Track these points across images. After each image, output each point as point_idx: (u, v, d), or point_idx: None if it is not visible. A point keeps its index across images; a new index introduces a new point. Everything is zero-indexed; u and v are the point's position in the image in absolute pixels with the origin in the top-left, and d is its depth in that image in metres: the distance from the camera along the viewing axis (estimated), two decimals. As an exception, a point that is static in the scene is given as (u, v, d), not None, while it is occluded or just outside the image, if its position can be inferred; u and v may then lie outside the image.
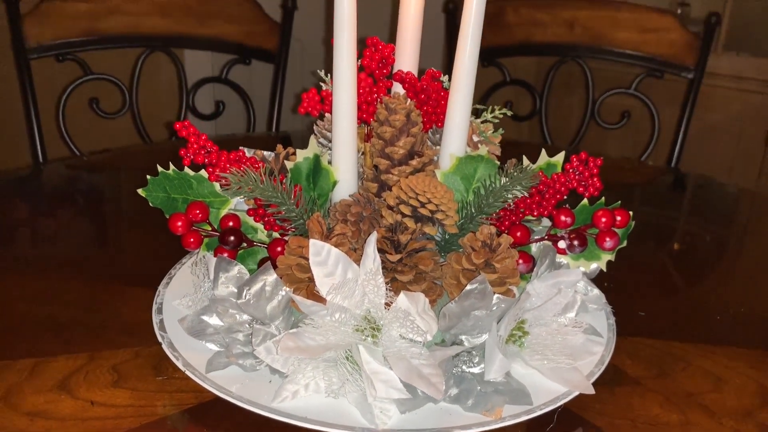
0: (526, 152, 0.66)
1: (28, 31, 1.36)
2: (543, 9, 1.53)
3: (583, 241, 0.59)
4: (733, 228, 1.01)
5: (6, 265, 0.74)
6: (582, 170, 0.60)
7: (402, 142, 0.59)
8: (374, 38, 0.63)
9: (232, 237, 0.57)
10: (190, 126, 0.59)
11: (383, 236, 0.55)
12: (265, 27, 1.48)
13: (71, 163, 1.13)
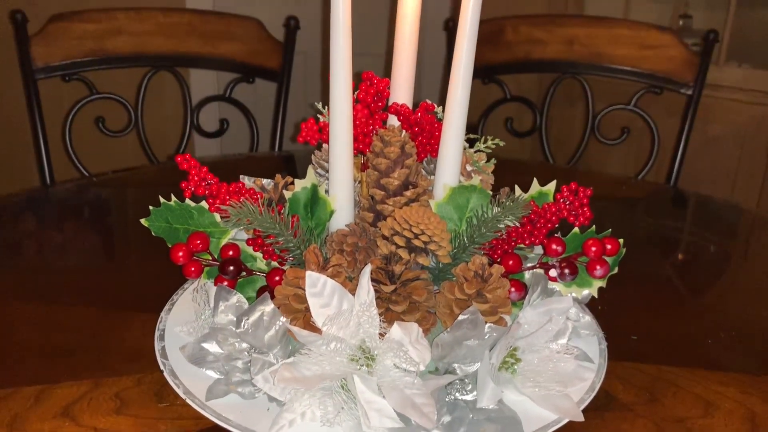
0: (525, 172, 0.67)
1: (36, 52, 1.39)
2: (542, 27, 1.54)
3: (573, 269, 0.60)
4: (728, 250, 1.01)
5: (11, 290, 0.75)
6: (572, 200, 0.61)
7: (397, 174, 0.60)
8: (369, 73, 0.65)
9: (232, 267, 0.59)
10: (191, 159, 0.61)
11: (378, 267, 0.57)
12: (268, 46, 1.50)
13: (77, 185, 1.15)
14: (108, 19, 1.45)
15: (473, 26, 0.57)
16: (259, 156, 1.41)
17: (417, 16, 0.66)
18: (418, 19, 0.66)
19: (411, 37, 0.65)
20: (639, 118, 1.51)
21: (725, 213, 1.22)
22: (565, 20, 1.56)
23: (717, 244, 1.02)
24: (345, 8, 0.56)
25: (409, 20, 0.66)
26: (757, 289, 0.85)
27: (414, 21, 0.65)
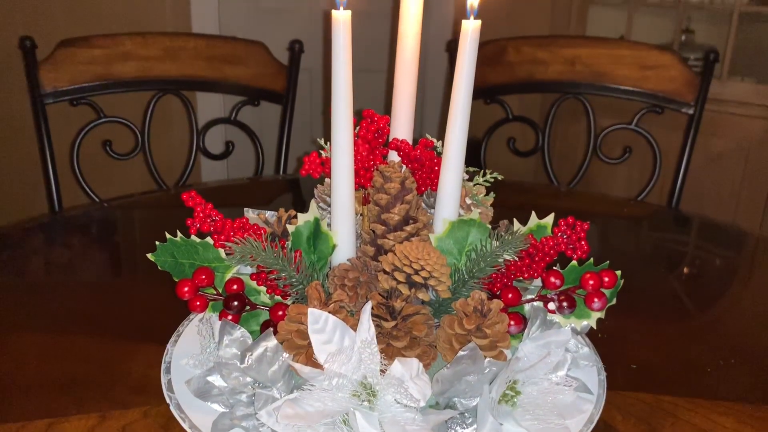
0: (527, 193, 0.68)
1: (44, 77, 1.41)
2: (544, 47, 1.56)
3: (572, 303, 0.61)
4: (729, 276, 1.02)
5: (20, 320, 0.77)
6: (570, 234, 0.62)
7: (397, 209, 0.62)
8: (370, 111, 0.66)
9: (236, 302, 0.60)
10: (197, 196, 0.62)
11: (379, 302, 0.58)
12: (273, 69, 1.52)
13: (85, 212, 1.16)
14: (115, 44, 1.47)
15: (470, 71, 0.59)
16: (264, 181, 1.42)
17: (416, 55, 0.67)
18: (418, 58, 0.67)
19: (410, 74, 0.67)
20: (640, 138, 1.52)
21: (726, 237, 1.21)
22: (566, 41, 1.58)
23: (717, 270, 1.02)
24: (346, 49, 0.58)
25: (408, 59, 0.67)
26: (757, 316, 0.86)
27: (413, 60, 0.67)
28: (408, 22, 0.67)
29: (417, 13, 0.66)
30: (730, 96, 2.41)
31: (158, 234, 0.65)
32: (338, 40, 0.58)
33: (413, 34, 0.67)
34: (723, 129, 2.39)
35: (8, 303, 0.80)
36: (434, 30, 2.79)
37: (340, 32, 0.58)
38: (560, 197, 1.42)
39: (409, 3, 0.67)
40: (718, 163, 2.43)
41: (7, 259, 0.93)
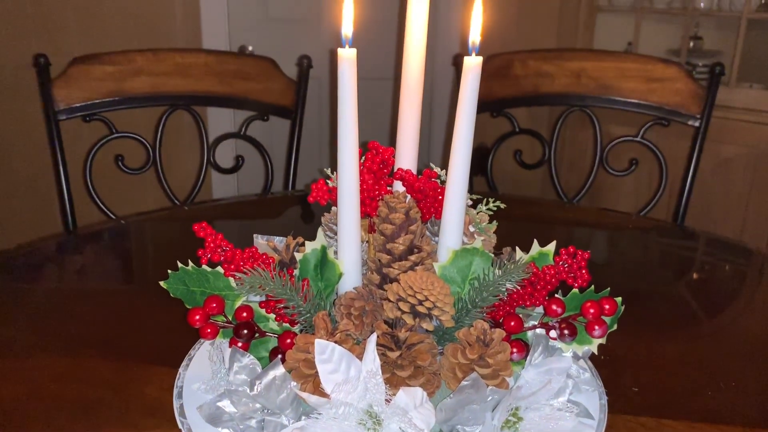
0: (532, 209, 0.70)
1: (58, 94, 1.44)
2: (550, 61, 1.57)
3: (573, 331, 0.63)
4: (731, 298, 1.01)
5: (35, 342, 0.79)
6: (571, 263, 0.64)
7: (402, 239, 0.63)
8: (374, 143, 0.68)
9: (246, 330, 0.62)
10: (208, 227, 0.64)
11: (384, 332, 0.59)
12: (282, 85, 1.55)
13: (97, 232, 1.18)
14: (127, 61, 1.50)
15: (471, 106, 0.60)
16: (273, 199, 1.44)
17: (420, 86, 0.69)
18: (421, 89, 0.69)
19: (414, 106, 0.68)
20: (647, 150, 1.53)
21: (730, 256, 1.21)
22: (572, 54, 1.59)
23: (720, 292, 1.02)
24: (351, 86, 0.60)
25: (412, 90, 0.69)
26: (760, 339, 0.86)
27: (417, 91, 0.69)
28: (412, 54, 0.68)
29: (420, 46, 0.68)
30: (738, 103, 2.41)
31: (171, 255, 0.67)
32: (344, 78, 0.60)
33: (417, 66, 0.68)
34: (731, 135, 2.39)
35: (23, 326, 0.82)
36: (441, 40, 2.80)
37: (345, 70, 0.59)
38: (563, 213, 1.43)
39: (413, 34, 0.69)
40: (726, 169, 2.43)
41: (21, 281, 0.95)
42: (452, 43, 2.81)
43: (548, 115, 2.57)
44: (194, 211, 1.33)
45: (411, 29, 0.67)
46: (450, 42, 2.80)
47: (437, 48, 2.76)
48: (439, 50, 2.75)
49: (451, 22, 2.80)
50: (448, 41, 2.80)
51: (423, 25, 0.68)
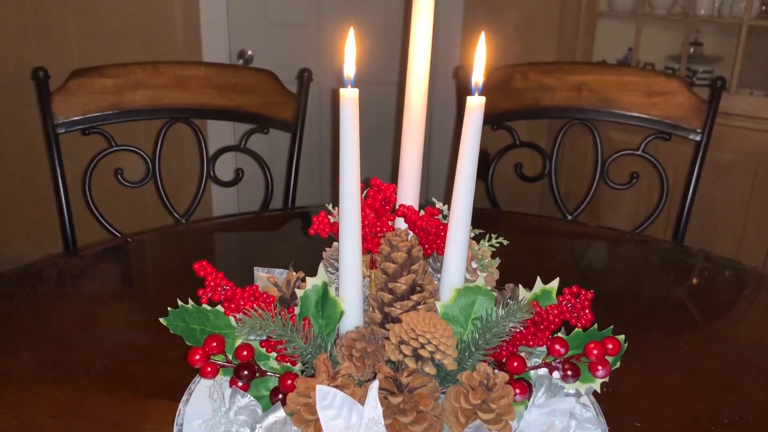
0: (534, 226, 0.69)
1: (57, 108, 1.43)
2: (551, 74, 1.56)
3: (576, 372, 0.62)
4: (732, 326, 0.99)
5: (31, 373, 0.78)
6: (574, 302, 0.63)
7: (404, 279, 0.63)
8: (376, 179, 0.67)
9: (246, 371, 0.62)
10: (208, 266, 0.64)
11: (386, 375, 0.59)
12: (282, 98, 1.54)
13: (101, 254, 1.17)
14: (126, 73, 1.49)
15: (474, 145, 0.60)
16: (272, 216, 1.44)
17: (422, 122, 0.68)
18: (424, 125, 0.68)
19: (417, 141, 0.68)
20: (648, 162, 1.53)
21: (730, 282, 1.17)
22: (573, 67, 1.58)
23: (719, 320, 1.00)
24: (353, 126, 0.59)
25: (414, 124, 0.68)
26: (761, 372, 0.86)
27: (419, 127, 0.68)
28: (414, 92, 0.68)
29: (423, 84, 0.67)
30: (739, 110, 2.40)
31: (173, 280, 0.66)
32: (346, 117, 0.59)
33: (419, 104, 0.68)
34: (732, 142, 2.39)
35: (23, 356, 0.82)
36: (442, 51, 2.79)
37: (347, 110, 0.59)
38: (558, 230, 1.42)
39: (415, 73, 0.68)
40: (727, 175, 2.43)
41: (20, 308, 0.94)
42: (452, 53, 2.80)
43: (548, 130, 2.56)
44: (197, 230, 1.32)
45: (413, 71, 0.66)
46: (450, 53, 2.80)
47: (437, 61, 2.75)
48: (439, 61, 2.74)
49: (451, 30, 2.79)
50: (448, 54, 2.80)
51: (425, 70, 0.67)
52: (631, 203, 2.55)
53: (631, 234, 1.41)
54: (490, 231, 0.73)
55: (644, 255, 1.27)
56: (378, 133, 2.77)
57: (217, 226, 1.41)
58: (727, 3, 2.50)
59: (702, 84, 2.66)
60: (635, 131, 1.55)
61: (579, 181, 2.66)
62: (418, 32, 0.66)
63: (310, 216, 1.40)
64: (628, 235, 1.40)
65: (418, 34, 0.66)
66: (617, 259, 1.26)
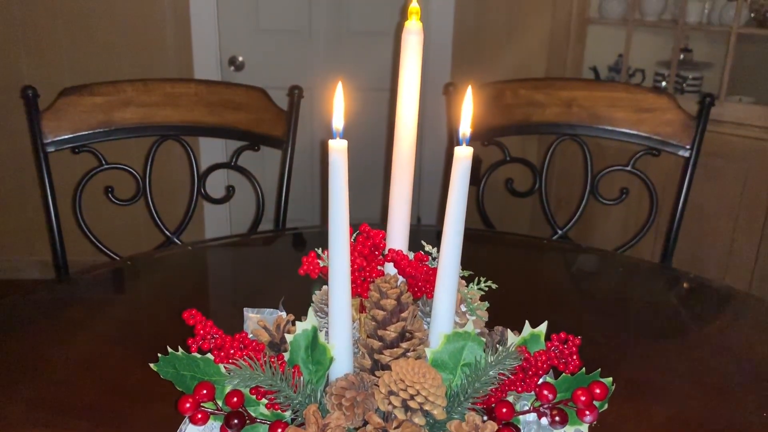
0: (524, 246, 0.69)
1: (46, 126, 1.42)
2: (541, 90, 1.57)
3: (564, 418, 0.63)
4: (717, 354, 0.98)
5: (22, 414, 0.78)
6: (562, 349, 0.64)
7: (393, 327, 0.63)
8: (365, 225, 0.68)
9: (236, 420, 0.62)
10: (197, 314, 0.64)
11: (375, 427, 0.59)
12: (273, 115, 1.54)
13: (92, 278, 1.17)
14: (116, 91, 1.49)
15: (462, 195, 0.60)
16: (263, 238, 1.44)
17: (411, 163, 0.68)
18: (413, 167, 0.69)
19: (405, 185, 0.68)
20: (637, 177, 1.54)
21: (717, 303, 1.18)
22: (563, 83, 1.59)
23: (704, 349, 1.00)
24: (342, 176, 0.59)
25: (404, 164, 0.69)
26: (744, 394, 0.87)
27: (408, 167, 0.68)
28: (403, 136, 0.68)
29: (411, 132, 0.67)
30: (728, 117, 2.42)
31: (163, 311, 0.66)
32: (335, 168, 0.59)
33: (408, 147, 0.68)
34: (722, 148, 2.40)
35: (16, 400, 0.81)
36: (432, 66, 2.79)
37: (336, 160, 0.59)
38: (546, 254, 1.43)
39: (405, 118, 0.68)
40: (716, 182, 2.45)
41: (10, 341, 0.93)
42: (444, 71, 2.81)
43: (538, 145, 2.57)
44: (191, 253, 1.32)
45: (401, 119, 0.66)
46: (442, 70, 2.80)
47: (427, 82, 2.75)
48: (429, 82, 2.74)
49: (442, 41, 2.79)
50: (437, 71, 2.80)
51: (413, 115, 0.67)
52: (621, 215, 2.56)
53: (616, 253, 1.42)
54: (478, 252, 0.73)
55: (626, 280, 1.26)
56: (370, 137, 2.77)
57: (209, 249, 1.40)
58: (717, 10, 2.51)
59: (692, 90, 2.67)
60: (627, 152, 1.56)
61: (571, 193, 2.67)
62: (407, 79, 0.66)
63: (302, 237, 1.41)
64: (615, 254, 1.41)
65: (407, 81, 0.66)
66: (598, 285, 1.26)
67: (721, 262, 2.48)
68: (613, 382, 0.67)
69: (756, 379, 0.90)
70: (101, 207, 1.69)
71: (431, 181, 2.82)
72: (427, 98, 2.74)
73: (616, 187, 1.55)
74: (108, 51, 2.61)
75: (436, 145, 2.76)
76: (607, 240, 2.64)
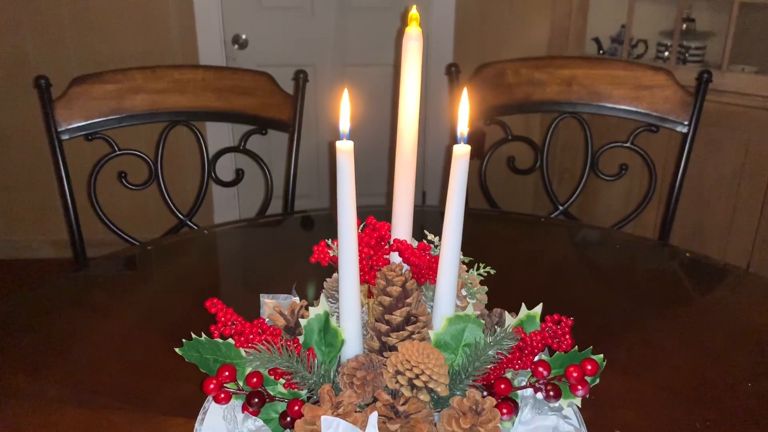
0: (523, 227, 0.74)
1: (59, 115, 1.47)
2: (542, 69, 1.60)
3: (558, 392, 0.68)
4: (710, 330, 1.02)
5: (56, 394, 0.84)
6: (555, 329, 0.69)
7: (399, 312, 0.69)
8: (371, 218, 0.72)
9: (257, 399, 0.68)
10: (219, 303, 0.69)
11: (384, 403, 0.65)
12: (279, 99, 1.57)
13: (113, 264, 1.22)
14: (126, 79, 1.52)
15: (461, 193, 0.65)
16: (273, 221, 1.49)
17: (414, 157, 0.73)
18: (415, 161, 0.73)
19: (409, 176, 0.73)
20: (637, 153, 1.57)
21: (713, 280, 1.21)
22: (563, 61, 1.62)
23: (697, 325, 1.05)
24: (349, 175, 0.64)
25: (407, 160, 0.73)
26: (735, 375, 0.91)
27: (411, 162, 0.73)
28: (406, 131, 0.72)
29: (413, 128, 0.71)
30: (730, 87, 2.43)
31: (185, 293, 0.70)
32: (342, 168, 0.64)
33: (410, 142, 0.72)
34: (724, 119, 2.42)
35: (51, 381, 0.87)
36: (435, 44, 2.80)
37: (343, 161, 0.64)
38: (542, 231, 1.47)
39: (407, 104, 0.72)
40: (718, 152, 2.47)
41: (33, 329, 0.99)
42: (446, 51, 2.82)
43: (540, 123, 2.60)
44: (209, 237, 1.37)
45: (403, 122, 0.71)
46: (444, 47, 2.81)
47: (429, 56, 2.77)
48: (432, 63, 2.76)
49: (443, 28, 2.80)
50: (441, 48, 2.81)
51: (415, 101, 0.71)
52: (624, 188, 2.59)
53: (613, 229, 1.46)
54: (476, 232, 0.77)
55: (623, 257, 1.31)
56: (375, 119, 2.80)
57: (224, 234, 1.45)
58: (719, -21, 2.51)
59: (694, 61, 2.68)
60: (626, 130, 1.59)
61: (575, 164, 2.70)
62: (408, 84, 0.70)
63: (311, 220, 1.46)
64: (612, 231, 1.45)
65: (408, 86, 0.70)
66: (593, 262, 1.31)
67: (723, 232, 2.51)
68: (605, 357, 0.72)
69: (747, 352, 0.95)
70: (111, 190, 1.73)
71: (435, 155, 2.85)
72: (430, 74, 2.76)
73: (617, 162, 1.59)
74: (111, 31, 2.63)
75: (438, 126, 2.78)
76: (611, 212, 2.68)
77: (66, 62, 2.63)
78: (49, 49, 2.62)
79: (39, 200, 2.86)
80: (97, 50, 2.63)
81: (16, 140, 2.75)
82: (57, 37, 2.61)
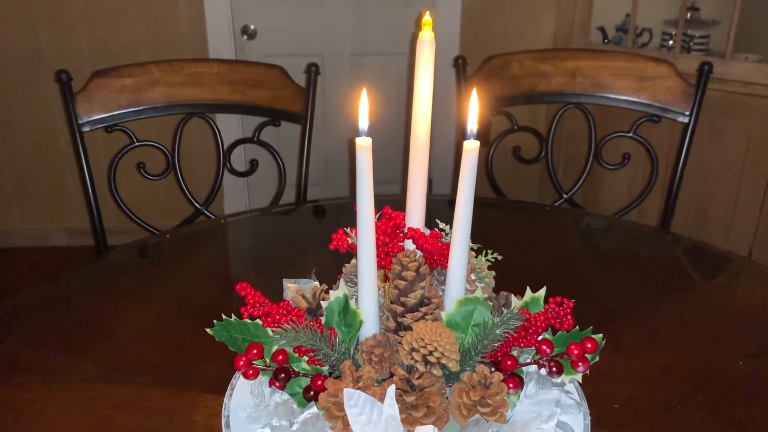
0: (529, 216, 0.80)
1: (80, 108, 1.52)
2: (547, 61, 1.64)
3: (560, 369, 0.74)
4: (709, 310, 1.08)
5: (92, 372, 0.90)
6: (558, 310, 0.74)
7: (413, 295, 0.74)
8: (387, 209, 0.78)
9: (283, 375, 0.74)
10: (247, 286, 0.75)
11: (400, 378, 0.71)
12: (292, 91, 1.63)
13: (131, 252, 1.28)
14: (144, 72, 1.58)
15: (470, 187, 0.70)
16: (286, 210, 1.54)
17: (426, 150, 0.78)
18: (428, 154, 0.78)
19: (422, 170, 0.78)
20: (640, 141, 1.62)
21: (712, 265, 1.27)
22: (567, 53, 1.66)
23: (697, 305, 1.11)
24: (368, 169, 0.69)
25: (420, 156, 0.78)
26: (734, 354, 0.97)
27: (424, 154, 0.78)
28: (419, 124, 0.77)
29: (426, 118, 0.77)
30: (734, 75, 2.46)
31: (207, 277, 0.76)
32: (361, 163, 0.69)
33: (423, 134, 0.78)
34: (727, 107, 2.46)
35: (90, 359, 0.93)
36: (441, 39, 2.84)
37: (362, 156, 0.69)
38: (547, 219, 1.52)
39: (420, 103, 0.78)
40: (721, 139, 2.51)
41: (65, 312, 1.06)
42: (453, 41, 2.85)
43: (545, 114, 2.64)
44: (227, 225, 1.43)
45: (418, 114, 0.76)
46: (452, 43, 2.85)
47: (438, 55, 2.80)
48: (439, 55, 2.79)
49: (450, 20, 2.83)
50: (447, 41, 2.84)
51: (428, 101, 0.77)
52: (628, 176, 2.64)
53: (615, 216, 1.51)
54: (483, 219, 0.82)
55: (624, 243, 1.37)
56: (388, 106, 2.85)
57: (241, 222, 1.51)
58: (723, -31, 2.54)
59: (699, 49, 2.71)
60: (629, 121, 1.64)
61: (579, 152, 2.75)
62: (421, 85, 0.75)
63: (323, 209, 1.52)
64: (614, 218, 1.50)
65: (421, 88, 0.75)
66: (595, 248, 1.36)
67: (725, 219, 2.56)
68: (606, 338, 0.78)
69: (741, 331, 1.01)
70: (126, 179, 1.79)
71: (441, 145, 2.90)
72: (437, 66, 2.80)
73: (620, 151, 1.64)
74: (121, 23, 2.68)
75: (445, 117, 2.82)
76: (615, 200, 2.73)
77: (78, 55, 2.68)
78: (61, 42, 2.68)
79: (53, 189, 2.92)
80: (108, 42, 2.68)
81: (30, 131, 2.81)
82: (69, 30, 2.67)
